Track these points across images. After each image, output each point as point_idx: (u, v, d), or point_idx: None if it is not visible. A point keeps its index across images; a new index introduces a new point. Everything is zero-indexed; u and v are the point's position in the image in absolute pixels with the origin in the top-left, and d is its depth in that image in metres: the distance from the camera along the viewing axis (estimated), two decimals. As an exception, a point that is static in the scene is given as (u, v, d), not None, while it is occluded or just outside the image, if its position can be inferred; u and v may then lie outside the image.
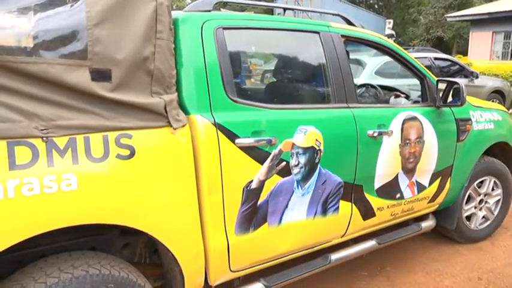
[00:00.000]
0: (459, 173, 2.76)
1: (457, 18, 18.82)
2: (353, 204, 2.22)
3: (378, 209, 2.34)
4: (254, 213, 1.84)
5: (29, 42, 1.29)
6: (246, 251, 1.87)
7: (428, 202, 2.66)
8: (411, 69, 2.58)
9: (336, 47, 2.17)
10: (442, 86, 2.57)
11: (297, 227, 2.00)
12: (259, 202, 1.85)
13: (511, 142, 3.11)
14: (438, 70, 7.55)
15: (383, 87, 3.17)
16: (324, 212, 2.09)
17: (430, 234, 3.11)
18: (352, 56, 2.45)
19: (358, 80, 5.14)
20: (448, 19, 19.86)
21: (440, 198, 2.73)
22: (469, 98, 2.79)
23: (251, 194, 1.81)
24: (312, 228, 2.07)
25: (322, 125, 2.01)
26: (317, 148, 1.98)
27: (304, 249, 2.13)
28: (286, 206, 1.95)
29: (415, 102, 2.83)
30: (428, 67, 5.96)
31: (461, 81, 2.53)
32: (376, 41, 2.43)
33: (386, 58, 2.41)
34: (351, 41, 2.33)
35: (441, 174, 2.64)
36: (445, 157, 2.63)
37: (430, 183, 2.59)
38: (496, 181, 3.10)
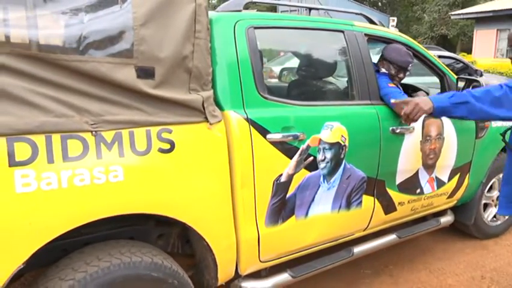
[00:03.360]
0: (477, 169, 2.81)
1: (461, 16, 18.82)
2: (375, 199, 2.28)
3: (399, 203, 2.40)
4: (283, 206, 1.91)
5: (81, 42, 1.35)
6: (274, 242, 1.93)
7: (447, 198, 2.72)
8: (432, 67, 2.63)
9: (359, 46, 2.23)
10: (461, 83, 2.62)
11: (323, 220, 2.07)
12: (287, 195, 1.91)
13: None
14: (443, 68, 7.55)
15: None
16: (348, 205, 2.15)
17: (434, 233, 3.10)
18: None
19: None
20: (452, 17, 19.88)
21: (458, 194, 2.78)
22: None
23: (280, 187, 1.88)
24: (336, 221, 2.13)
25: (347, 121, 2.06)
26: (342, 144, 2.04)
27: (328, 242, 2.19)
28: (313, 200, 2.01)
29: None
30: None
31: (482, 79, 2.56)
32: (398, 39, 2.48)
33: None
34: (374, 39, 2.39)
35: (460, 170, 2.69)
36: (464, 153, 2.68)
37: (449, 179, 2.65)
38: None
